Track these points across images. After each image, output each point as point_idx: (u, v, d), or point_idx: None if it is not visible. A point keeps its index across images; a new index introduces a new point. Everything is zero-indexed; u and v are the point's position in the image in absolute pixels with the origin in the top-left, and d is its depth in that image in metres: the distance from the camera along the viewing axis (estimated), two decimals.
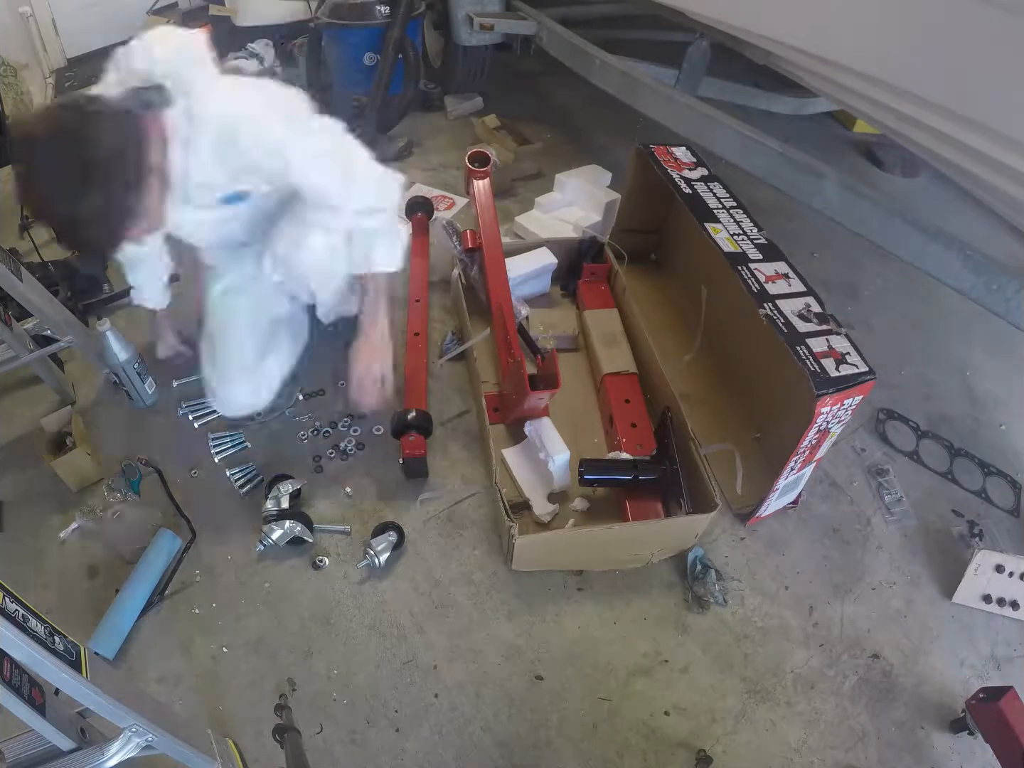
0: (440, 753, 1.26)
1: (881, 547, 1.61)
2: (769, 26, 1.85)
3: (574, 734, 1.30)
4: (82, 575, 1.46)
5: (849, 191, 1.67)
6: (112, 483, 1.59)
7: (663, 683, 1.37)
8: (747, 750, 1.29)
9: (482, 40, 2.70)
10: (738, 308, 1.59)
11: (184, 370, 1.84)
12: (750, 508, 1.59)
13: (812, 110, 2.64)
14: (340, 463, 1.68)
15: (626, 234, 2.13)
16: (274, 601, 1.44)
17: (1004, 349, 2.11)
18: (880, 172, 2.86)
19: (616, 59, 2.26)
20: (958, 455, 1.80)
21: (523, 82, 3.22)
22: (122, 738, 0.76)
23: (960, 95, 1.41)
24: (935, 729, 1.34)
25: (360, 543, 1.52)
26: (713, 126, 1.94)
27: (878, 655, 1.44)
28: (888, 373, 1.95)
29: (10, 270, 1.46)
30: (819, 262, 2.32)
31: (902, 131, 1.65)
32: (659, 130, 2.15)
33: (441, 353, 1.91)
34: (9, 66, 2.33)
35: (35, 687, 0.69)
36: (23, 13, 2.86)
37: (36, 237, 2.17)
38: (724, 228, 1.65)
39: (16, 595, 0.68)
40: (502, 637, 1.41)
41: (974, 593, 1.51)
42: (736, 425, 1.74)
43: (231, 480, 1.62)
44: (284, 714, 1.16)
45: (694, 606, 1.47)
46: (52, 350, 1.66)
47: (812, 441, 1.40)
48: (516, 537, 1.37)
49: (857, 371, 1.34)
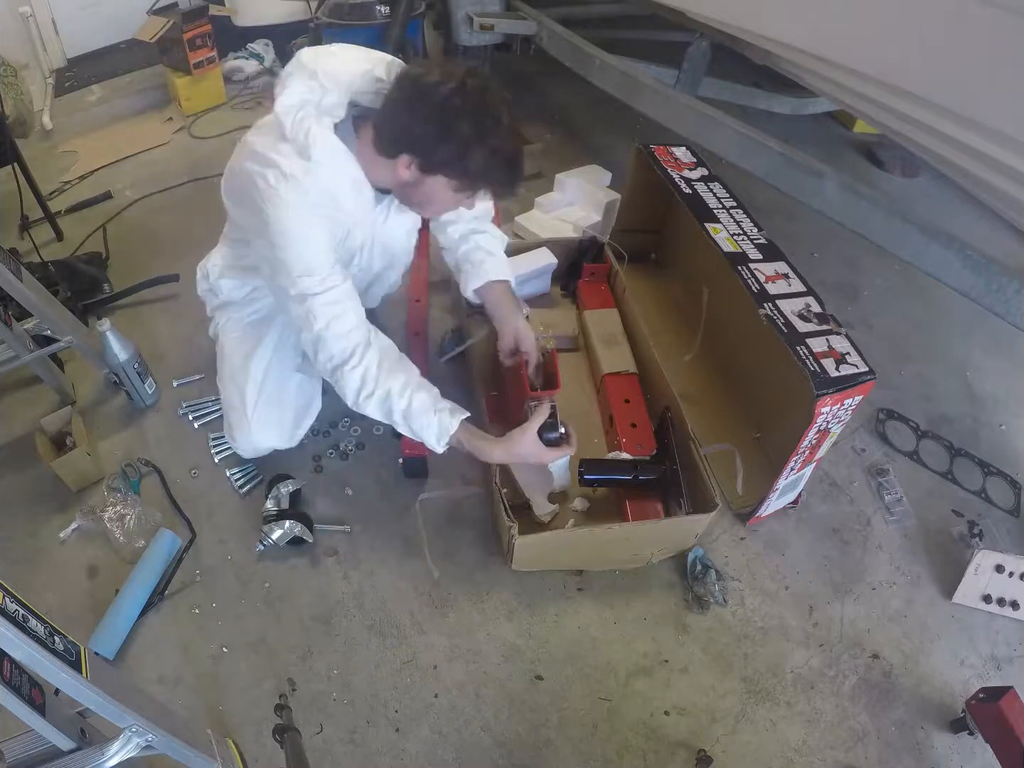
0: (440, 753, 1.26)
1: (881, 547, 1.61)
2: (769, 26, 1.85)
3: (574, 734, 1.30)
4: (82, 575, 1.46)
5: (849, 191, 1.67)
6: (112, 483, 1.59)
7: (663, 683, 1.37)
8: (747, 750, 1.29)
9: (482, 40, 2.70)
10: (738, 308, 1.59)
11: (184, 370, 1.84)
12: (750, 508, 1.59)
13: (812, 110, 2.64)
14: (340, 463, 1.68)
15: (626, 234, 2.13)
16: (274, 601, 1.44)
17: (1004, 349, 2.11)
18: (880, 172, 2.86)
19: (616, 59, 2.26)
20: (958, 455, 1.80)
21: (523, 82, 3.22)
22: (122, 738, 0.76)
23: (960, 95, 1.41)
24: (935, 729, 1.34)
25: (360, 543, 1.52)
26: (713, 126, 1.95)
27: (878, 655, 1.44)
28: (888, 373, 1.95)
29: (10, 270, 1.46)
30: (819, 262, 2.32)
31: (902, 131, 1.66)
32: (659, 130, 2.15)
33: (441, 353, 1.91)
34: (9, 66, 2.33)
35: (35, 687, 0.69)
36: (23, 13, 2.86)
37: (36, 237, 2.18)
38: (724, 228, 1.65)
39: (16, 595, 0.68)
40: (502, 637, 1.41)
41: (974, 593, 1.51)
42: (736, 425, 1.74)
43: (231, 480, 1.62)
44: (284, 714, 1.15)
45: (694, 606, 1.47)
46: (52, 350, 1.66)
47: (812, 441, 1.40)
48: (516, 537, 1.37)
49: (857, 371, 1.34)
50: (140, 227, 2.32)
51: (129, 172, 2.62)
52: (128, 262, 2.17)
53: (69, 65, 3.16)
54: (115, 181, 2.56)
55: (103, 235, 2.30)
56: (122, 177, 2.58)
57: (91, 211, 2.42)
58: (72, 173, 2.60)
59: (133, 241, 2.26)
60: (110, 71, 3.10)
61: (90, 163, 2.65)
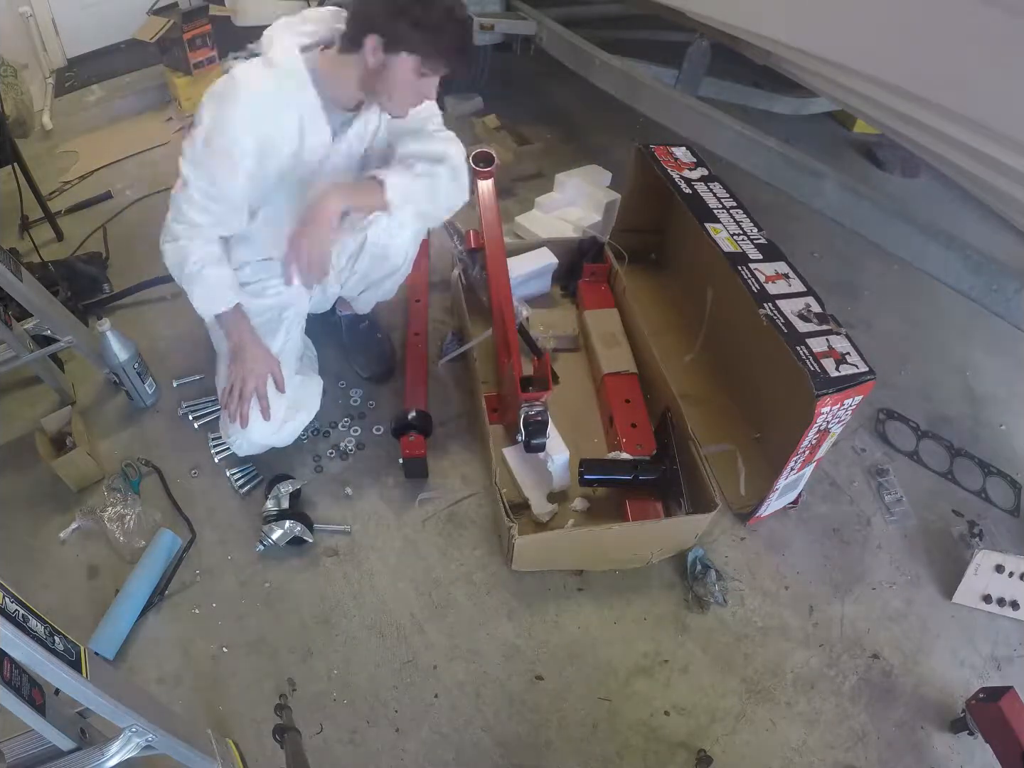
0: (440, 753, 1.26)
1: (881, 547, 1.61)
2: (769, 26, 1.85)
3: (574, 734, 1.30)
4: (82, 575, 1.46)
5: (849, 191, 1.67)
6: (112, 483, 1.59)
7: (663, 683, 1.37)
8: (747, 750, 1.29)
9: (482, 40, 2.70)
10: (738, 308, 1.59)
11: (184, 370, 1.84)
12: (750, 508, 1.59)
13: (812, 110, 2.64)
14: (340, 463, 1.68)
15: (626, 234, 2.13)
16: (274, 601, 1.44)
17: (1004, 349, 2.11)
18: (880, 172, 2.86)
19: (616, 59, 2.25)
20: (958, 455, 1.80)
21: (523, 82, 3.22)
22: (122, 738, 0.76)
23: (960, 95, 1.41)
24: (935, 729, 1.34)
25: (360, 543, 1.52)
26: (713, 126, 1.95)
27: (878, 655, 1.44)
28: (888, 373, 1.95)
29: (10, 270, 1.46)
30: (819, 262, 2.32)
31: (902, 131, 1.66)
32: (659, 130, 2.15)
33: (441, 353, 1.91)
34: (9, 66, 2.33)
35: (35, 687, 0.69)
36: (23, 13, 2.86)
37: (36, 237, 2.18)
38: (724, 228, 1.65)
39: (16, 595, 0.68)
40: (502, 637, 1.41)
41: (974, 593, 1.51)
42: (736, 425, 1.74)
43: (231, 480, 1.62)
44: (284, 714, 1.16)
45: (694, 606, 1.47)
46: (52, 350, 1.66)
47: (812, 441, 1.40)
48: (516, 537, 1.37)
49: (857, 371, 1.34)
50: (140, 227, 2.31)
51: (129, 172, 2.61)
52: (128, 262, 2.17)
53: (69, 65, 3.16)
54: (115, 181, 2.56)
55: (103, 235, 2.30)
56: (122, 177, 2.58)
57: (91, 211, 2.42)
58: (72, 173, 2.60)
59: (133, 241, 2.26)
60: (110, 71, 3.10)
61: (90, 163, 2.65)
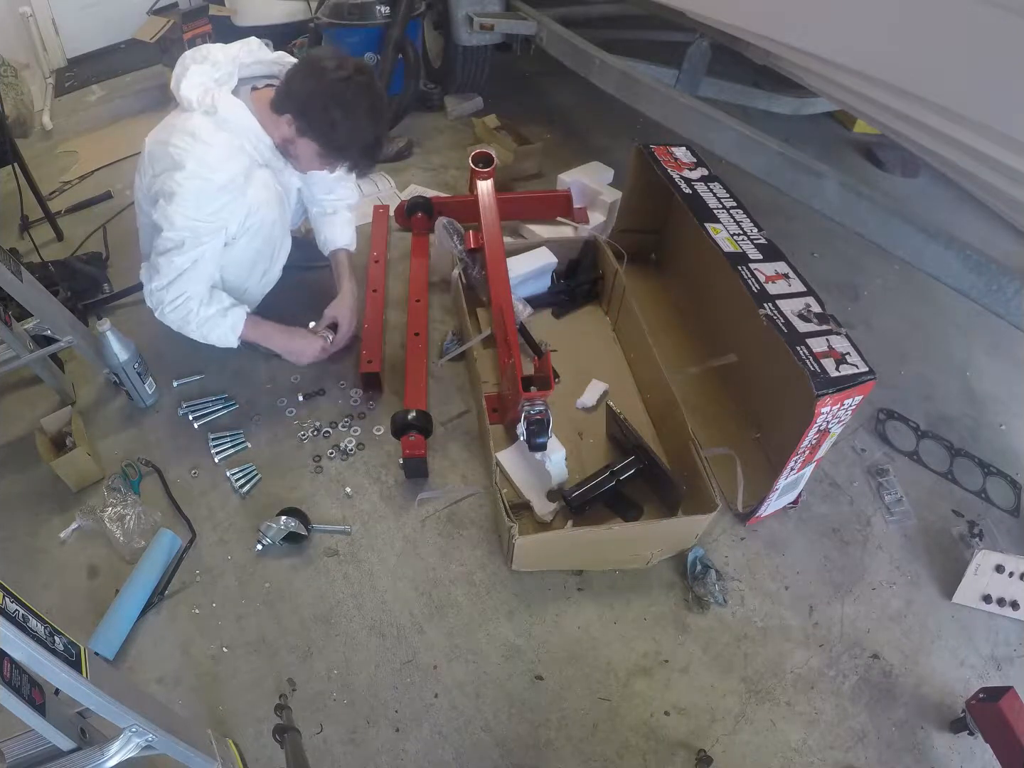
0: (440, 753, 1.26)
1: (881, 547, 1.61)
2: (769, 26, 1.85)
3: (574, 734, 1.30)
4: (82, 575, 1.46)
5: (849, 191, 1.67)
6: (112, 483, 1.59)
7: (663, 683, 1.37)
8: (747, 750, 1.29)
9: (482, 40, 2.70)
10: (738, 308, 1.58)
11: (184, 370, 1.84)
12: (750, 508, 1.59)
13: (812, 110, 2.63)
14: (340, 463, 1.68)
15: (626, 234, 2.13)
16: (274, 601, 1.44)
17: (1004, 349, 2.11)
18: (880, 172, 2.87)
19: (616, 59, 2.25)
20: (958, 455, 1.80)
21: (523, 82, 3.22)
22: (122, 738, 0.76)
23: (960, 95, 1.41)
24: (935, 729, 1.34)
25: (360, 543, 1.52)
26: (713, 126, 1.94)
27: (878, 655, 1.44)
28: (888, 373, 1.95)
29: (10, 270, 1.46)
30: (819, 262, 2.32)
31: (902, 131, 1.65)
32: (659, 130, 2.15)
33: (441, 353, 1.91)
34: (9, 66, 2.33)
35: (35, 687, 0.69)
36: (23, 13, 2.87)
37: (36, 237, 2.18)
38: (724, 228, 1.65)
39: (16, 595, 0.68)
40: (502, 637, 1.41)
41: (974, 593, 1.51)
42: (736, 425, 1.74)
43: (231, 480, 1.62)
44: (284, 714, 1.16)
45: (694, 606, 1.47)
46: (52, 350, 1.66)
47: (812, 441, 1.40)
48: (516, 537, 1.37)
49: (857, 371, 1.34)
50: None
51: (129, 172, 2.57)
52: (128, 262, 2.16)
53: (69, 65, 3.16)
54: (115, 181, 2.56)
55: (103, 235, 2.30)
56: (122, 177, 2.57)
57: (91, 211, 2.42)
58: (72, 173, 2.60)
59: (133, 241, 2.24)
60: (110, 71, 3.11)
61: (90, 163, 2.65)
